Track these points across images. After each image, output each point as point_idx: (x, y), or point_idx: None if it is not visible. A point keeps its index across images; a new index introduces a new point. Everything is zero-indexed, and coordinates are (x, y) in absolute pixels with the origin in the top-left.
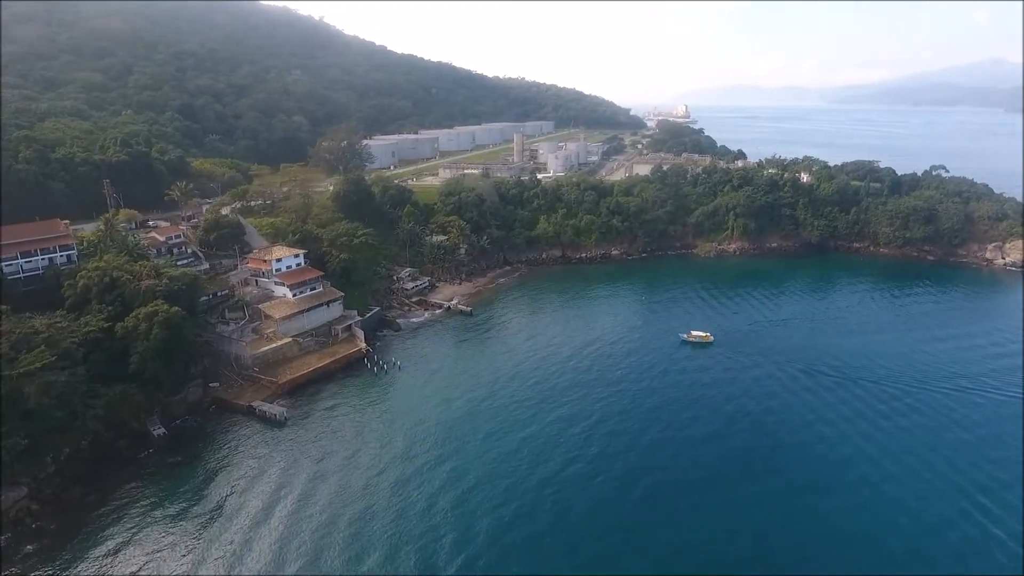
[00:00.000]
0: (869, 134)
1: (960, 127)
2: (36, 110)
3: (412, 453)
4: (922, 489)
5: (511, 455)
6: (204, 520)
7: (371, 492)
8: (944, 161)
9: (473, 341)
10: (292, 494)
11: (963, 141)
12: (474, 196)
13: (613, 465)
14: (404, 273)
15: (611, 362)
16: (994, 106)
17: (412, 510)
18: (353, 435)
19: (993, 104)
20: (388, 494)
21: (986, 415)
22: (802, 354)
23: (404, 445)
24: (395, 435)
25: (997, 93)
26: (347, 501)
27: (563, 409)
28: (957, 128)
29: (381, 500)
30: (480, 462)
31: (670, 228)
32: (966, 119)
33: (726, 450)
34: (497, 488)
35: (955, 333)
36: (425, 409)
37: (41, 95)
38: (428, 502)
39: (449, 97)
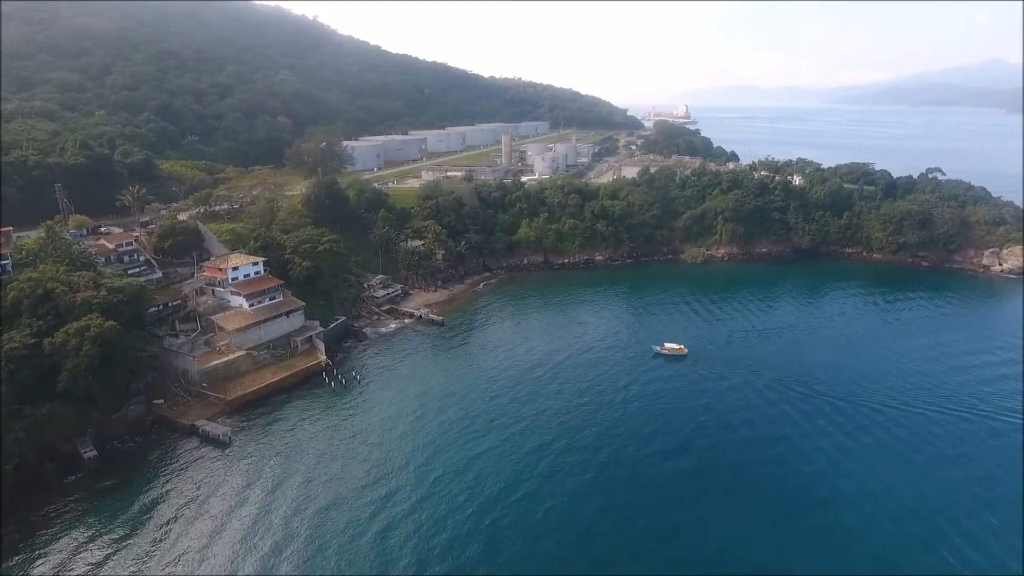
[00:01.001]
0: (867, 134)
1: (959, 128)
2: (3, 111)
3: (349, 474)
4: (887, 526)
5: (455, 476)
6: (120, 554)
7: (293, 519)
8: (942, 162)
9: (439, 352)
10: (224, 525)
11: (962, 142)
12: (452, 200)
13: (562, 486)
14: (375, 280)
15: (578, 375)
16: (994, 107)
17: (334, 543)
18: (295, 456)
19: (993, 105)
20: (311, 522)
21: (971, 445)
22: (777, 368)
23: (342, 466)
24: (337, 455)
25: (997, 94)
26: (270, 530)
27: (519, 425)
28: (956, 129)
29: (303, 530)
30: (421, 485)
31: (657, 233)
32: (966, 120)
33: (683, 471)
34: (433, 514)
35: (945, 345)
36: (375, 426)
37: (13, 95)
38: (354, 531)
39: (443, 97)
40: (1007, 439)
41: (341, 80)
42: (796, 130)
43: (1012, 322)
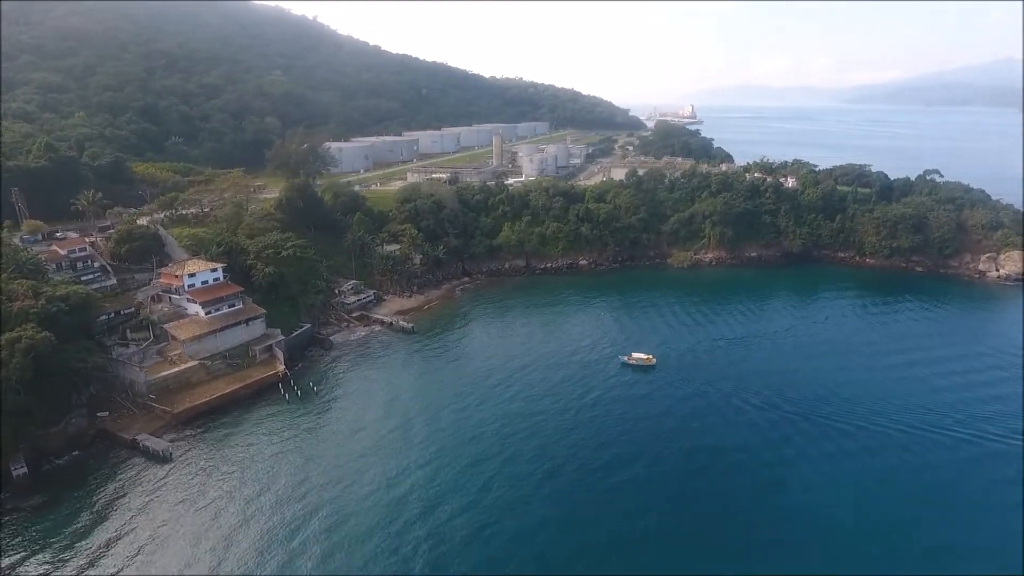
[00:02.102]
0: (876, 135)
1: (969, 128)
2: None
3: (292, 496)
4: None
5: (397, 503)
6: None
7: (223, 544)
8: (948, 163)
9: (404, 362)
10: (148, 549)
11: (970, 142)
12: (431, 203)
13: (509, 515)
14: (347, 286)
15: (540, 389)
16: (1007, 106)
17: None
18: (237, 475)
19: (1006, 104)
20: (240, 549)
21: (949, 473)
22: (749, 380)
23: (287, 487)
24: (280, 475)
25: (1011, 92)
26: (196, 556)
27: (472, 446)
28: (967, 129)
29: (229, 558)
30: (360, 510)
31: (643, 236)
32: (977, 119)
33: (641, 499)
34: (367, 546)
35: (934, 357)
36: (324, 442)
37: None
38: (289, 556)
39: (441, 98)
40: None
41: (336, 80)
42: (804, 130)
43: (1006, 334)
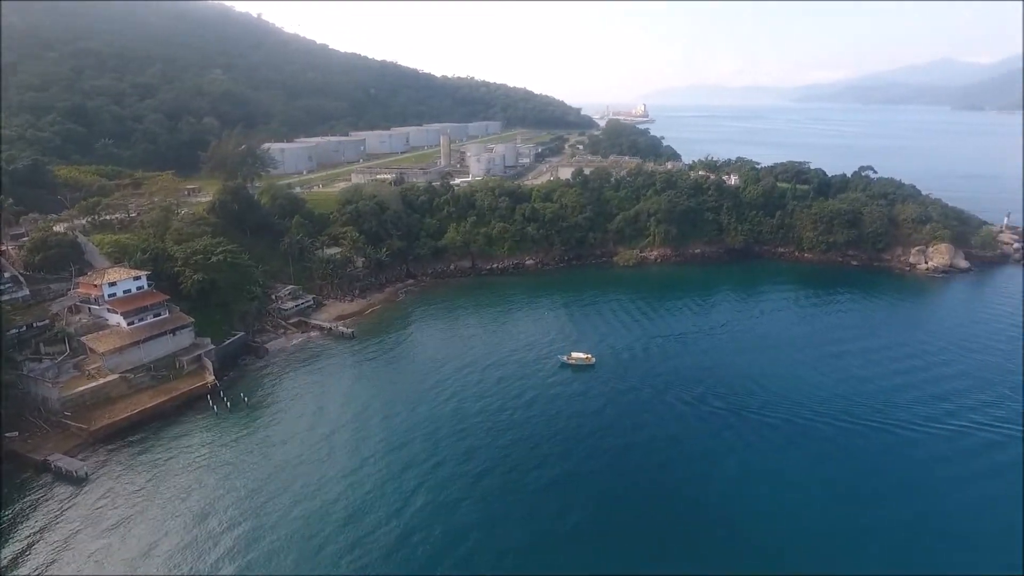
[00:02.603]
0: (820, 132)
1: (907, 125)
2: None
3: (210, 511)
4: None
5: (320, 515)
6: None
7: (132, 568)
8: (886, 159)
9: (341, 369)
10: None
11: (907, 140)
12: (373, 204)
13: (436, 520)
14: (284, 292)
15: (477, 391)
16: (943, 104)
17: None
18: (152, 492)
19: (943, 102)
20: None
21: (867, 461)
22: (684, 377)
23: (206, 502)
24: (200, 489)
25: (947, 91)
26: None
27: (403, 451)
28: (904, 126)
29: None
30: (281, 523)
31: (590, 235)
32: (914, 117)
33: (569, 497)
34: (286, 560)
35: (861, 349)
36: (250, 453)
37: None
38: None
39: (390, 98)
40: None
41: (280, 80)
42: (754, 129)
43: (930, 325)
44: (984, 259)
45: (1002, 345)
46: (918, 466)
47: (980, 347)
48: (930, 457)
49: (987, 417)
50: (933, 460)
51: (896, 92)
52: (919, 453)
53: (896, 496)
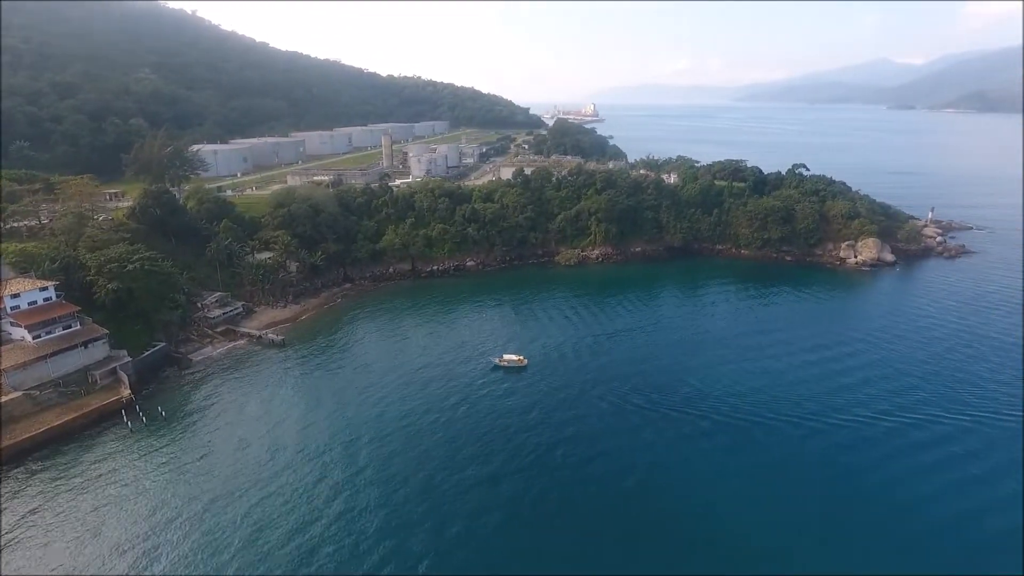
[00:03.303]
0: (762, 131)
1: (845, 123)
2: None
3: (110, 530)
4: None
5: (230, 527)
6: None
7: None
8: (824, 156)
9: (266, 378)
10: None
11: (844, 137)
12: (307, 207)
13: (347, 531)
14: (211, 299)
15: (405, 395)
16: (880, 103)
17: None
18: (50, 512)
19: (879, 101)
20: None
21: (782, 453)
22: (615, 375)
23: (106, 521)
24: (105, 508)
25: (883, 91)
26: None
27: (321, 460)
28: (842, 124)
29: None
30: (187, 540)
31: (531, 235)
32: (853, 116)
33: (489, 499)
34: None
35: (785, 342)
36: (162, 470)
37: None
38: None
39: (333, 97)
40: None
41: (216, 79)
42: (699, 127)
43: (851, 318)
44: (909, 252)
45: (915, 336)
46: (824, 457)
47: (894, 338)
48: (834, 447)
49: (893, 405)
50: (837, 450)
51: (836, 91)
52: (825, 444)
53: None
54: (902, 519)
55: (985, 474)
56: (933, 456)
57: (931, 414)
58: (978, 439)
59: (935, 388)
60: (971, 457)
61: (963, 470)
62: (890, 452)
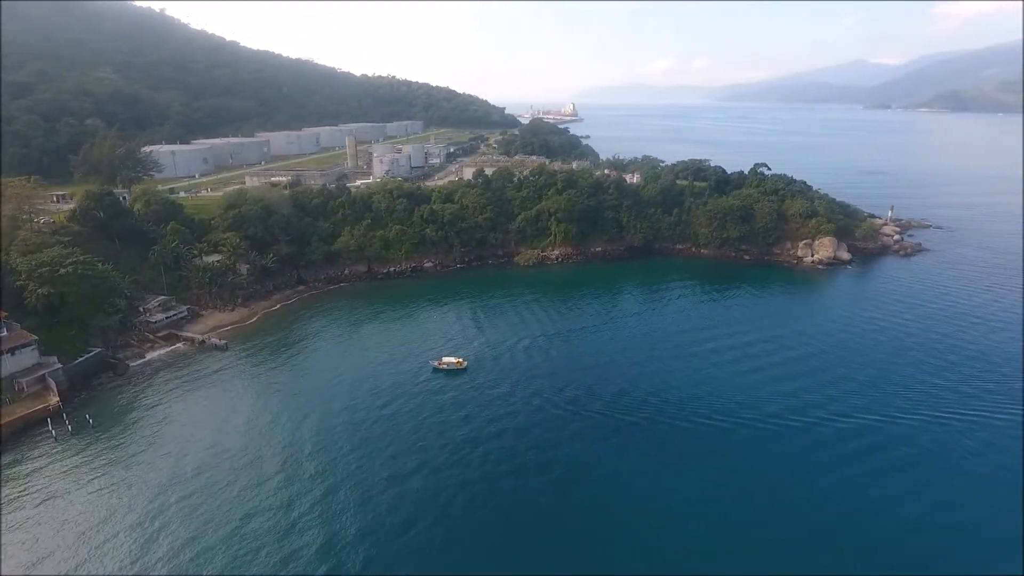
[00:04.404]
0: (741, 130)
1: (823, 123)
2: None
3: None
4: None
5: (146, 543)
6: None
7: None
8: (796, 155)
9: (205, 383)
10: None
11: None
12: (258, 209)
13: (269, 545)
14: (155, 303)
15: (340, 403)
16: (857, 103)
17: None
18: None
19: (856, 101)
20: None
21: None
22: (556, 377)
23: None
24: (15, 523)
25: (861, 91)
26: None
27: (249, 470)
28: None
29: None
30: (96, 557)
31: (490, 236)
32: (831, 116)
33: (417, 509)
34: None
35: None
36: (83, 481)
37: None
38: None
39: (304, 97)
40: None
41: (182, 78)
42: (679, 127)
43: (802, 318)
44: (866, 251)
45: (865, 337)
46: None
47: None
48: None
49: (829, 412)
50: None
51: (816, 91)
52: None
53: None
54: (809, 512)
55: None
56: (853, 458)
57: (866, 418)
58: (911, 443)
59: (871, 392)
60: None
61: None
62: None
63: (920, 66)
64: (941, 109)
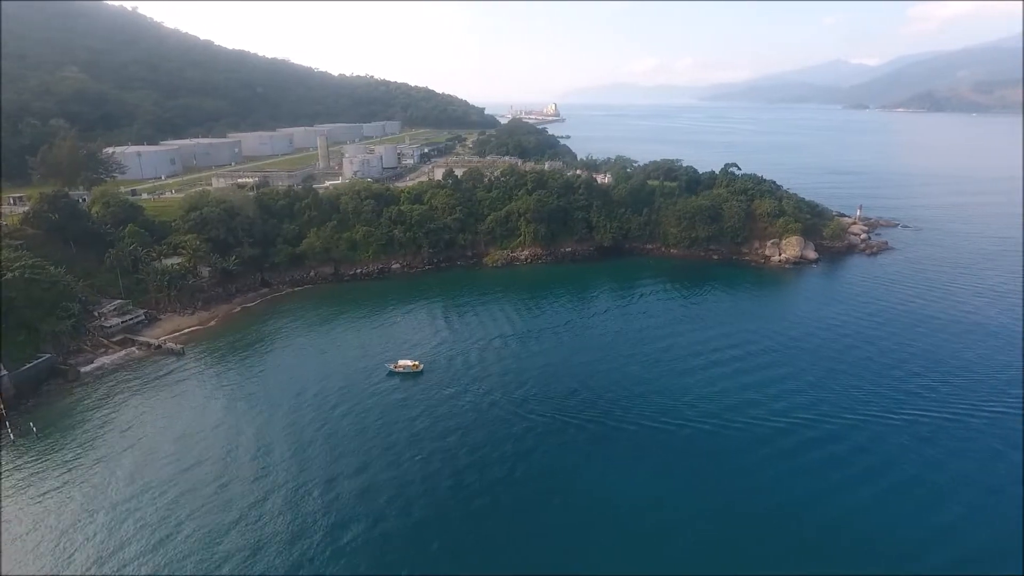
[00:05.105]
0: (720, 130)
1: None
2: None
3: None
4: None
5: (67, 554)
6: None
7: None
8: (772, 155)
9: (158, 389)
10: None
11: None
12: (220, 211)
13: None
14: (110, 307)
15: (290, 407)
16: (837, 103)
17: None
18: None
19: (835, 101)
20: None
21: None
22: (512, 379)
23: None
24: None
25: (840, 91)
26: None
27: (188, 475)
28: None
29: None
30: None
31: (460, 237)
32: (809, 115)
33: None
34: None
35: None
36: (20, 491)
37: None
38: None
39: (280, 97)
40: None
41: (153, 78)
42: (659, 127)
43: (767, 316)
44: (833, 249)
45: (821, 334)
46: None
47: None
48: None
49: (769, 412)
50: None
51: (796, 91)
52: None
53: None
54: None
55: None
56: (791, 454)
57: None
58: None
59: (812, 391)
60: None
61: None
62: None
63: (898, 67)
64: (917, 109)
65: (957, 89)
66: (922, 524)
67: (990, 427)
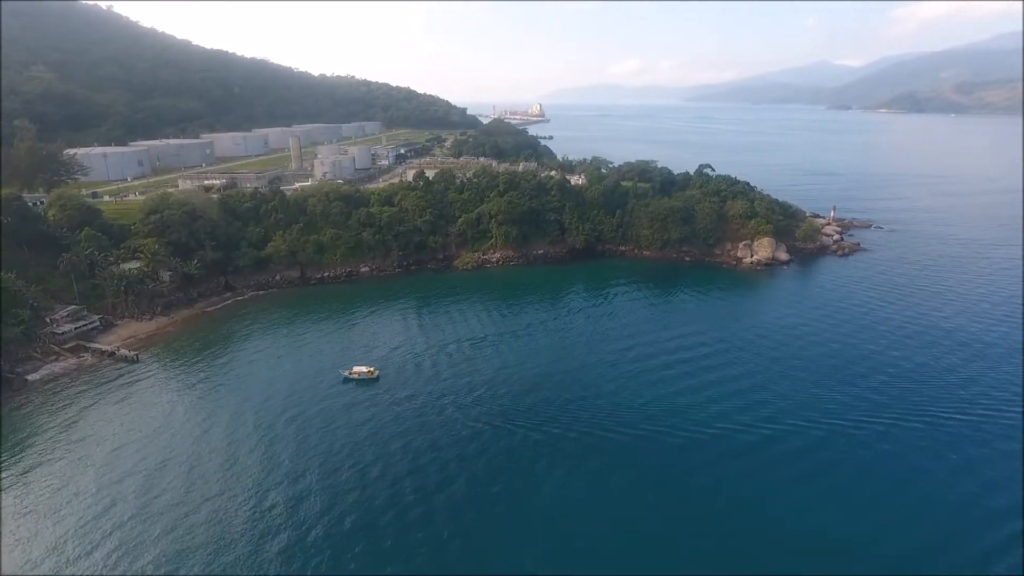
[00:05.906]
0: (702, 130)
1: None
2: None
3: None
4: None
5: None
6: None
7: None
8: (752, 155)
9: (107, 397)
10: None
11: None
12: (181, 213)
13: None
14: (63, 313)
15: (235, 414)
16: (820, 103)
17: None
18: None
19: (819, 102)
20: None
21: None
22: (467, 385)
23: None
24: None
25: (823, 92)
26: None
27: (120, 486)
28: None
29: None
30: None
31: (430, 239)
32: (792, 116)
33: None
34: None
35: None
36: None
37: None
38: None
39: (258, 97)
40: None
41: (126, 78)
42: (643, 127)
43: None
44: (805, 251)
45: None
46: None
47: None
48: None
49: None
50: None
51: (780, 92)
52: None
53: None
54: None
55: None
56: (736, 456)
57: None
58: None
59: (787, 395)
60: None
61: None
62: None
63: (880, 67)
64: (899, 110)
65: (939, 90)
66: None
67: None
